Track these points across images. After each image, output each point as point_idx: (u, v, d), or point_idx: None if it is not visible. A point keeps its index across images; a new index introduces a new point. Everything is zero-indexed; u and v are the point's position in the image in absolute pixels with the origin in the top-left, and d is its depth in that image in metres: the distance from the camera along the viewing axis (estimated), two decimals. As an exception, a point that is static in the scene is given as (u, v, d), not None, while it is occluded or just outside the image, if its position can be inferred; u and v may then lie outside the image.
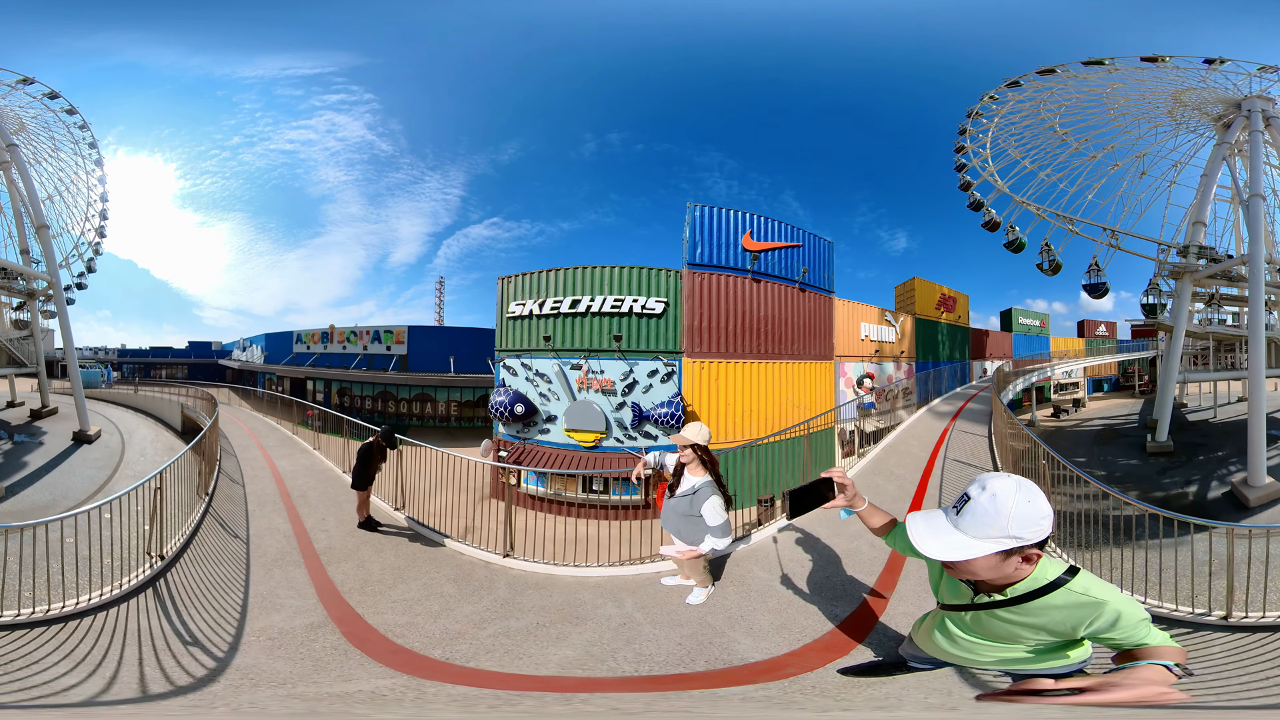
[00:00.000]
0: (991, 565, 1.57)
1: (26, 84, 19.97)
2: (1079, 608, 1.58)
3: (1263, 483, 12.10)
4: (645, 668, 3.54)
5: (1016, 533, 1.50)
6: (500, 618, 4.34)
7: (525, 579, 5.14)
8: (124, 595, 4.52)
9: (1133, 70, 16.86)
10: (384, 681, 3.46)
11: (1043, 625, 1.65)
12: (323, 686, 3.41)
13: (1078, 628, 1.60)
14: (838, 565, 4.82)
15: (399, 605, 4.58)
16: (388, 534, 6.33)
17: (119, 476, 14.39)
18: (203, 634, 4.04)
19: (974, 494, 1.56)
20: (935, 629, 2.08)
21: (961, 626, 1.93)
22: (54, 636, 3.93)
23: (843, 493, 2.08)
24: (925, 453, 9.37)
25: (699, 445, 4.07)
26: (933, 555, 1.61)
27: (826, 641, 3.72)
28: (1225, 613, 4.00)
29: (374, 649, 3.87)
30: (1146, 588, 4.34)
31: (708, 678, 3.39)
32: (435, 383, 24.87)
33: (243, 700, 3.23)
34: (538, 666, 3.60)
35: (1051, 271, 17.80)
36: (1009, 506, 1.49)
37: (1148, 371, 32.43)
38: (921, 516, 1.70)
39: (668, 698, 3.21)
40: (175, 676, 3.45)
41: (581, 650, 3.78)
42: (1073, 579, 1.60)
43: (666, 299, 13.53)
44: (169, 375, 41.82)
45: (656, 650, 3.72)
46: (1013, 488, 1.52)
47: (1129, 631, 1.55)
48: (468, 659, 3.72)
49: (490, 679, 3.49)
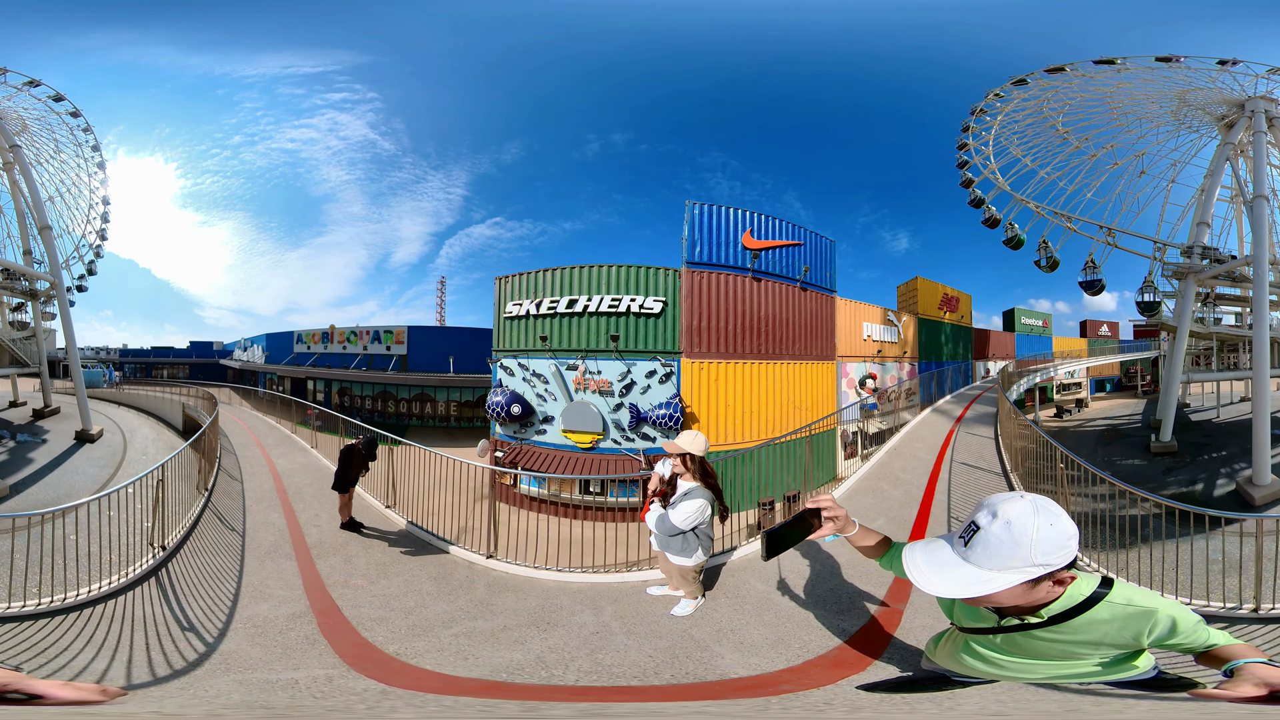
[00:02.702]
0: (1018, 594, 1.47)
1: (33, 86, 20.10)
2: (1131, 619, 1.51)
3: (1267, 481, 12.02)
4: (596, 679, 3.36)
5: (1042, 560, 1.39)
6: (470, 618, 4.31)
7: (505, 581, 5.11)
8: (130, 583, 4.75)
9: (1142, 70, 16.80)
10: (321, 672, 3.49)
11: (1100, 640, 1.57)
12: (274, 673, 3.47)
13: (1139, 638, 1.52)
14: (843, 575, 4.59)
15: (376, 600, 4.63)
16: (372, 535, 6.38)
17: (121, 475, 14.43)
18: (198, 621, 4.19)
19: (983, 522, 1.44)
20: (961, 652, 1.95)
21: (992, 648, 1.81)
22: (73, 624, 4.13)
23: (832, 522, 1.91)
24: (931, 456, 9.26)
25: (692, 456, 3.81)
26: (939, 593, 1.49)
27: (834, 658, 3.52)
28: (1255, 605, 4.01)
29: (340, 640, 3.91)
30: (1177, 586, 4.32)
31: (667, 691, 3.18)
32: (435, 383, 24.89)
33: (209, 685, 3.32)
34: (474, 669, 3.49)
35: (1049, 268, 17.80)
36: (1028, 533, 1.38)
37: (1150, 371, 32.26)
38: (921, 548, 1.58)
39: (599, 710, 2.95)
40: (174, 661, 3.61)
41: (534, 656, 3.64)
42: (1110, 591, 1.54)
43: (665, 298, 13.49)
44: (170, 375, 41.99)
45: (620, 661, 3.53)
46: (1029, 511, 1.40)
47: (1192, 635, 1.50)
48: (414, 656, 3.70)
49: (421, 677, 3.45)
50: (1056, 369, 28.59)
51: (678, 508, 3.83)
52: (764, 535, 1.85)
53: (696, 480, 3.87)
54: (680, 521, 3.79)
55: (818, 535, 1.90)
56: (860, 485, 8.05)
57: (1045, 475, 6.33)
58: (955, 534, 1.55)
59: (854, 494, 7.63)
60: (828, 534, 1.93)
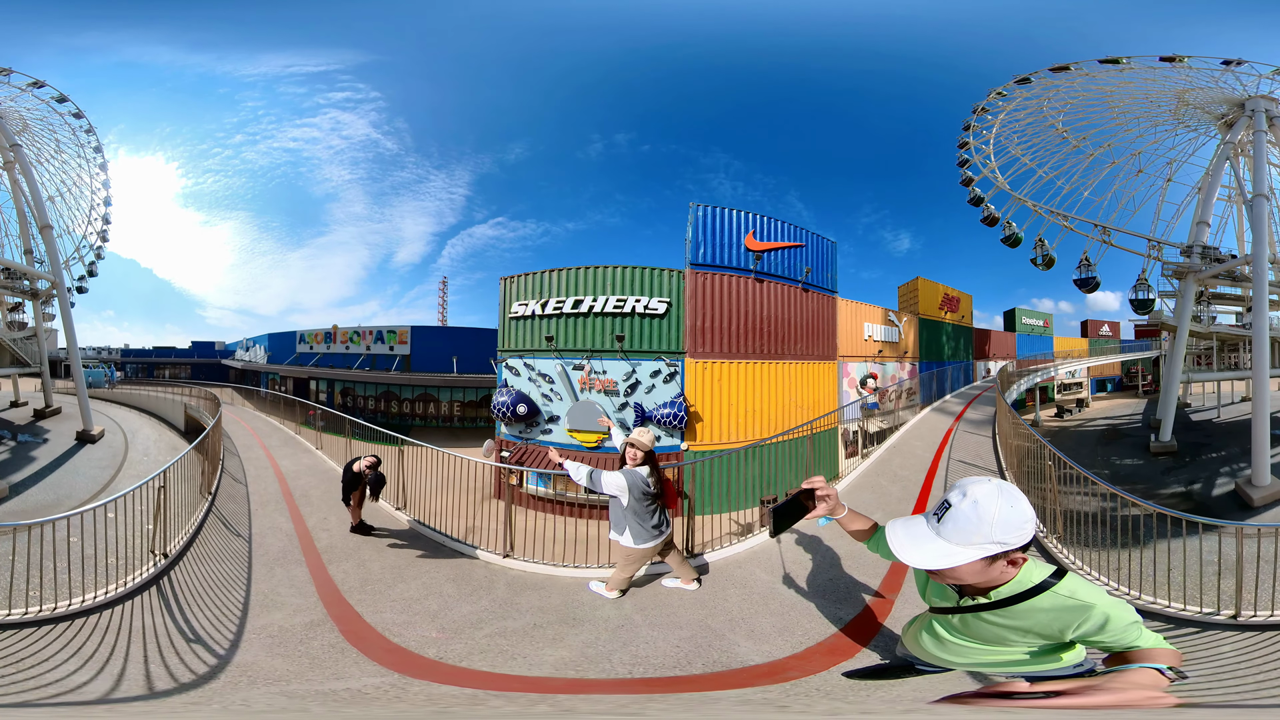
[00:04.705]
0: (976, 570, 1.57)
1: (37, 87, 20.09)
2: (1065, 610, 1.56)
3: (1266, 482, 12.06)
4: (640, 670, 3.49)
5: (1000, 538, 1.49)
6: (498, 618, 4.33)
7: (524, 579, 5.13)
8: (128, 593, 4.55)
9: (1145, 70, 16.85)
10: (373, 680, 3.45)
11: (1029, 628, 1.64)
12: (314, 684, 3.41)
13: (1065, 630, 1.58)
14: (841, 567, 4.79)
15: (398, 604, 4.58)
16: (383, 537, 6.34)
17: (122, 476, 14.43)
18: (205, 631, 4.06)
19: (954, 501, 1.54)
20: (923, 630, 2.07)
21: (949, 629, 1.92)
22: (61, 634, 3.94)
23: (824, 502, 2.04)
24: (929, 454, 9.35)
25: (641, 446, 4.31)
26: (914, 564, 1.60)
27: (830, 644, 3.69)
28: (1234, 612, 3.99)
29: (369, 647, 3.86)
30: (1155, 588, 4.32)
31: (705, 680, 3.35)
32: (438, 383, 24.88)
33: (236, 698, 3.24)
34: (531, 667, 3.57)
35: (1045, 266, 17.90)
36: (991, 512, 1.48)
37: (1151, 371, 32.33)
38: (901, 524, 1.68)
39: (662, 700, 3.17)
40: (179, 674, 3.47)
41: (577, 651, 3.75)
42: (1059, 582, 1.59)
43: (669, 299, 13.52)
44: (172, 375, 41.94)
45: (653, 652, 3.68)
46: (994, 493, 1.51)
47: (1118, 634, 1.53)
48: (460, 658, 3.70)
49: (479, 679, 3.47)
50: (1057, 369, 28.64)
51: (605, 472, 4.23)
52: (771, 512, 2.06)
53: (637, 465, 4.29)
54: (603, 484, 4.13)
55: (812, 516, 2.04)
56: (860, 481, 8.14)
57: (1040, 474, 6.38)
58: (930, 511, 1.64)
59: (854, 490, 7.72)
60: (820, 514, 2.05)
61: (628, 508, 4.20)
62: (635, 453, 4.30)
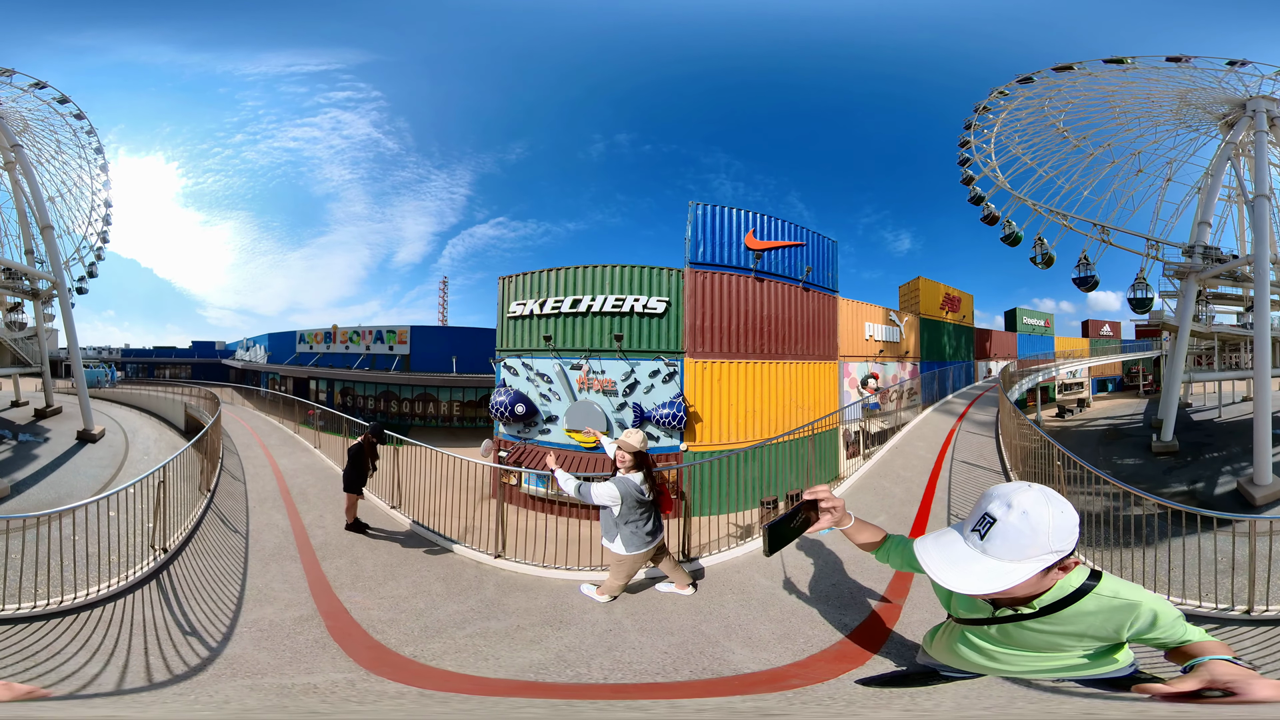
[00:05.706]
0: (1032, 583, 1.49)
1: (39, 88, 20.14)
2: (1114, 611, 1.54)
3: (1268, 481, 12.03)
4: (619, 675, 3.40)
5: (1057, 546, 1.41)
6: (482, 618, 4.30)
7: (514, 580, 5.10)
8: (130, 586, 4.64)
9: (1149, 70, 16.82)
10: (340, 675, 3.43)
11: (1084, 632, 1.60)
12: (287, 678, 3.42)
13: (1120, 630, 1.55)
14: (845, 571, 4.67)
15: (385, 602, 4.57)
16: (378, 535, 6.34)
17: (123, 475, 14.46)
18: (201, 625, 4.11)
19: (999, 514, 1.43)
20: (958, 643, 1.97)
21: (987, 639, 1.83)
22: (68, 628, 4.02)
23: (828, 514, 1.88)
24: (932, 454, 9.29)
25: (631, 449, 4.18)
26: (963, 589, 1.48)
27: (837, 652, 3.58)
28: (1247, 607, 4.01)
29: (351, 643, 3.86)
30: (1170, 586, 4.33)
31: (688, 688, 3.24)
32: (438, 383, 24.89)
33: (214, 690, 3.26)
34: (498, 669, 3.50)
35: (1044, 265, 17.92)
36: (1044, 520, 1.40)
37: (1152, 371, 32.27)
38: (933, 543, 1.57)
39: (635, 706, 3.04)
40: (175, 666, 3.52)
41: (553, 654, 3.66)
42: (1098, 583, 1.57)
43: (668, 298, 13.50)
44: (173, 375, 42.00)
45: (638, 658, 3.60)
46: (1041, 500, 1.42)
47: (1169, 629, 1.52)
48: (434, 657, 3.67)
49: (444, 678, 3.43)
50: (1058, 369, 28.60)
51: (595, 483, 4.12)
52: (765, 529, 1.82)
53: (627, 471, 4.20)
54: (594, 496, 4.04)
55: (814, 529, 1.88)
56: (862, 483, 8.08)
57: (1045, 474, 6.35)
58: (965, 526, 1.53)
59: (856, 491, 7.66)
60: (824, 527, 1.90)
61: (619, 515, 4.12)
62: (624, 455, 4.20)
